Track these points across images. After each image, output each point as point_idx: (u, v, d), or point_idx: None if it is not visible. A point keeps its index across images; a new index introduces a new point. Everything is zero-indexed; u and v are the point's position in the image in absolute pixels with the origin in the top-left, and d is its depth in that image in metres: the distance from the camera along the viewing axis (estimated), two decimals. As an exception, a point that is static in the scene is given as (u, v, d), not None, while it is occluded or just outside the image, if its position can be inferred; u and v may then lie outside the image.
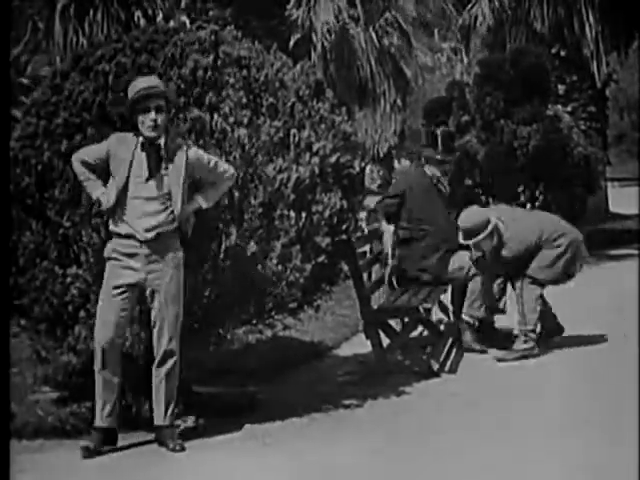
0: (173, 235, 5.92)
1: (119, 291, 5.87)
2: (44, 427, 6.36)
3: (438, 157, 8.91)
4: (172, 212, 5.89)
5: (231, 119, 6.25)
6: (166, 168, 5.90)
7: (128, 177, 5.86)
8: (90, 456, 5.81)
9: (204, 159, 6.02)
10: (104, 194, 5.89)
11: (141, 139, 5.92)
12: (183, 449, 5.85)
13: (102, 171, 5.94)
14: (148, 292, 5.91)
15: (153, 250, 5.86)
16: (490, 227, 8.02)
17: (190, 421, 6.37)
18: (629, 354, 7.75)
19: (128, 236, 5.86)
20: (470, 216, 8.24)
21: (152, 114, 5.86)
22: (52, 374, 7.18)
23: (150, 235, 5.85)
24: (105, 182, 5.94)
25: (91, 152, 5.97)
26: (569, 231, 8.43)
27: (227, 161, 6.15)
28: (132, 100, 5.90)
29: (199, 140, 6.18)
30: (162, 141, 5.92)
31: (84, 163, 5.93)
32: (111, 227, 5.93)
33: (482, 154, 13.46)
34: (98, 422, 5.95)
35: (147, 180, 5.88)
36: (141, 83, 5.94)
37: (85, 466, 5.71)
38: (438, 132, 8.82)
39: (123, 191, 5.85)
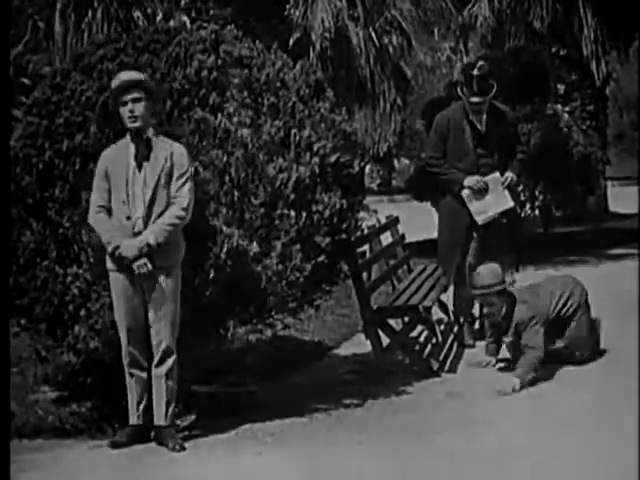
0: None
1: (127, 299, 5.91)
2: (44, 427, 6.37)
3: (473, 100, 8.43)
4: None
5: (235, 119, 6.26)
6: (149, 160, 5.89)
7: (127, 179, 5.87)
8: (117, 448, 5.92)
9: (184, 162, 5.94)
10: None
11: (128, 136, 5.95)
12: (183, 449, 5.85)
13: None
14: (146, 294, 5.92)
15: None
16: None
17: (189, 421, 6.37)
18: (629, 354, 7.75)
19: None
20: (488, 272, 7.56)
21: (129, 105, 5.90)
22: (52, 374, 7.19)
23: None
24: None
25: (96, 194, 5.91)
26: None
27: (229, 162, 6.15)
28: (112, 96, 5.98)
29: (202, 141, 6.19)
30: (150, 132, 5.94)
31: (102, 208, 5.89)
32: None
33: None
34: (133, 420, 6.03)
35: (137, 171, 5.88)
36: (116, 79, 5.98)
37: (84, 466, 5.71)
38: (474, 74, 8.46)
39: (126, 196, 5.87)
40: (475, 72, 8.47)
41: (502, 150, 8.53)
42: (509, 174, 8.52)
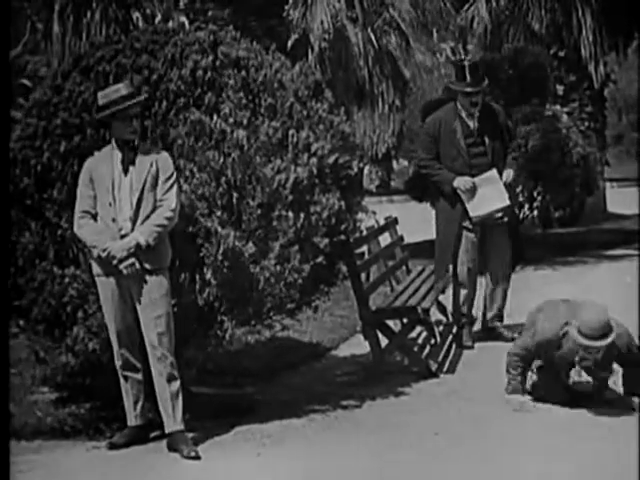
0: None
1: (116, 303, 5.92)
2: (43, 428, 6.38)
3: (467, 89, 8.45)
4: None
5: (231, 120, 6.26)
6: (134, 165, 5.91)
7: (113, 183, 5.88)
8: (115, 449, 5.94)
9: (169, 167, 5.95)
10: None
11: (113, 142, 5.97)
12: (198, 456, 5.74)
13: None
14: (135, 298, 5.92)
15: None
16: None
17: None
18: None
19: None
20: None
21: (134, 122, 5.92)
22: (50, 375, 7.17)
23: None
24: None
25: (80, 201, 5.93)
26: None
27: (225, 163, 6.15)
28: (114, 109, 5.88)
29: (198, 142, 6.19)
30: (136, 141, 5.96)
31: (86, 213, 5.90)
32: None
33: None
34: (131, 421, 6.05)
35: (123, 175, 5.89)
36: (117, 92, 5.93)
37: (82, 467, 5.71)
38: (465, 64, 8.53)
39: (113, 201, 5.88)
40: (466, 62, 8.54)
41: (495, 149, 8.54)
42: (508, 171, 8.55)
